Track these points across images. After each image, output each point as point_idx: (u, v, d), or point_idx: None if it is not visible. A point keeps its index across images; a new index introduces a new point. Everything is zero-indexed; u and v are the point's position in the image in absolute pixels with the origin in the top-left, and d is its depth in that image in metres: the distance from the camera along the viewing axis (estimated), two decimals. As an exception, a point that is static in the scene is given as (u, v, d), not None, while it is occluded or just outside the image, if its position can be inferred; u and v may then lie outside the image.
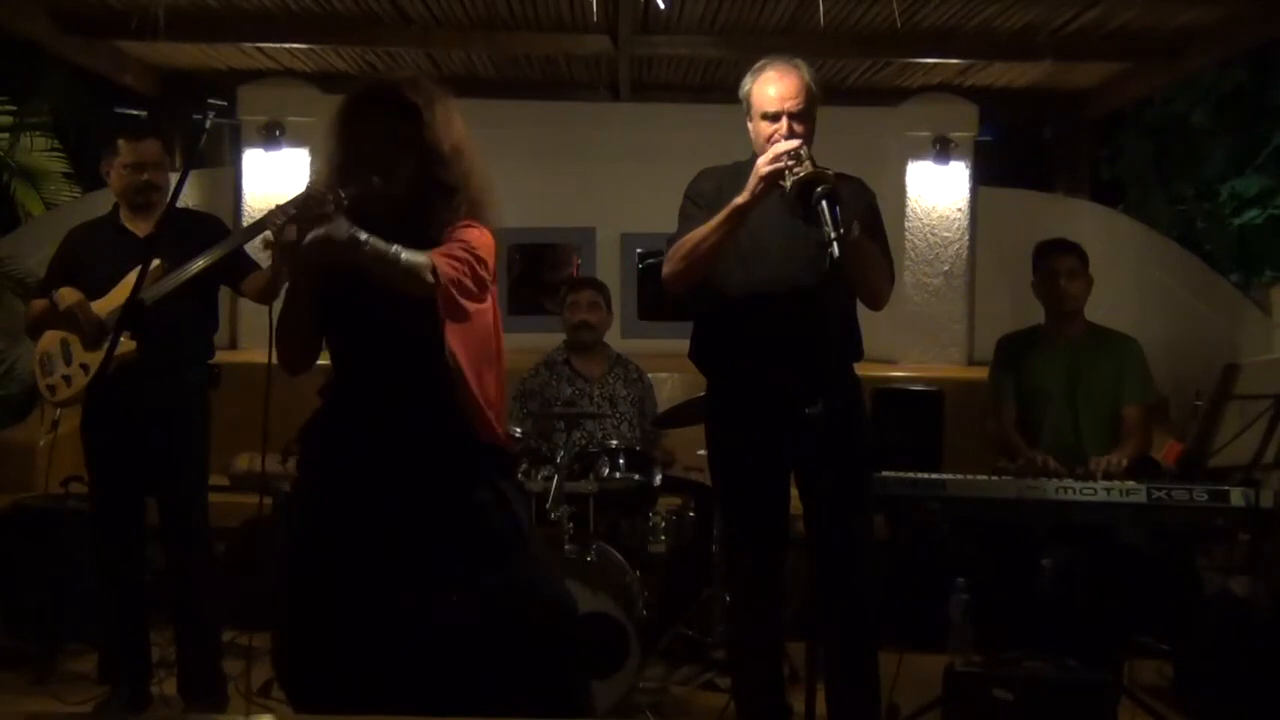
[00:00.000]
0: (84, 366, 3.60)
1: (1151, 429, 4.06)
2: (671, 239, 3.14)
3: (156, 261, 3.48)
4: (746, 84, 3.07)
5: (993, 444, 4.10)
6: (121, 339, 3.31)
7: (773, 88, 3.00)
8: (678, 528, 4.37)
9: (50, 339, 3.69)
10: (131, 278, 3.42)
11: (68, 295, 3.58)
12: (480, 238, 2.49)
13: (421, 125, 2.45)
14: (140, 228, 3.73)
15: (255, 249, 3.72)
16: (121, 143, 3.73)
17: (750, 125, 3.07)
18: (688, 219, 3.12)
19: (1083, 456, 3.87)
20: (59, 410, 3.84)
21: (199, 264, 3.52)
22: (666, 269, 3.10)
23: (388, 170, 2.41)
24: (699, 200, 3.13)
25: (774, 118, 3.00)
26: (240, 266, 3.73)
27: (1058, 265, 4.02)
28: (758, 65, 3.07)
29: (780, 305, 3.02)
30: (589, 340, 4.68)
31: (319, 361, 2.65)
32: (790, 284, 3.02)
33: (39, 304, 3.72)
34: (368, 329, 2.49)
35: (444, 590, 2.41)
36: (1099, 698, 3.24)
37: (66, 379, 3.64)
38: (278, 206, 3.23)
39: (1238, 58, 7.82)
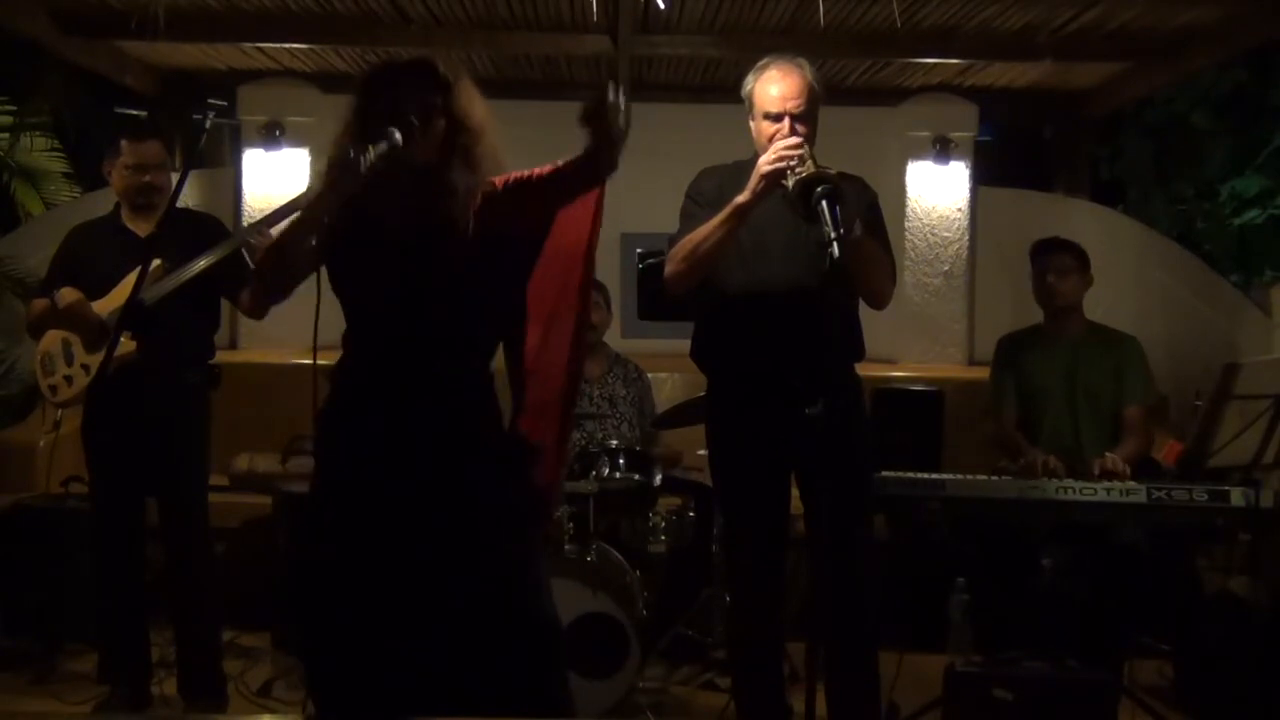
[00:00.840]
0: (85, 367, 3.61)
1: (1152, 429, 4.06)
2: (673, 239, 3.14)
3: (157, 262, 3.48)
4: (749, 83, 3.07)
5: (994, 444, 4.10)
6: (122, 339, 3.33)
7: (775, 87, 3.00)
8: (678, 528, 4.37)
9: (51, 339, 3.69)
10: (132, 278, 3.42)
11: (67, 295, 3.58)
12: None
13: (451, 94, 2.49)
14: (141, 227, 3.73)
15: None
16: (123, 143, 3.73)
17: (752, 124, 3.07)
18: (689, 218, 3.12)
19: (1082, 455, 3.87)
20: (60, 410, 3.84)
21: (200, 264, 3.53)
22: (668, 269, 3.11)
23: (413, 131, 2.43)
24: (700, 199, 3.13)
25: (776, 118, 3.00)
26: (239, 275, 3.72)
27: (1048, 263, 4.02)
28: (761, 64, 3.07)
29: (781, 305, 3.02)
30: (591, 341, 4.67)
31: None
32: (791, 284, 3.02)
33: (40, 304, 3.72)
34: (397, 318, 2.48)
35: (449, 586, 2.41)
36: (1099, 698, 3.24)
37: (68, 379, 3.65)
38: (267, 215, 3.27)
39: (1238, 58, 7.82)
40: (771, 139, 2.99)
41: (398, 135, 2.39)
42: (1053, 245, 4.07)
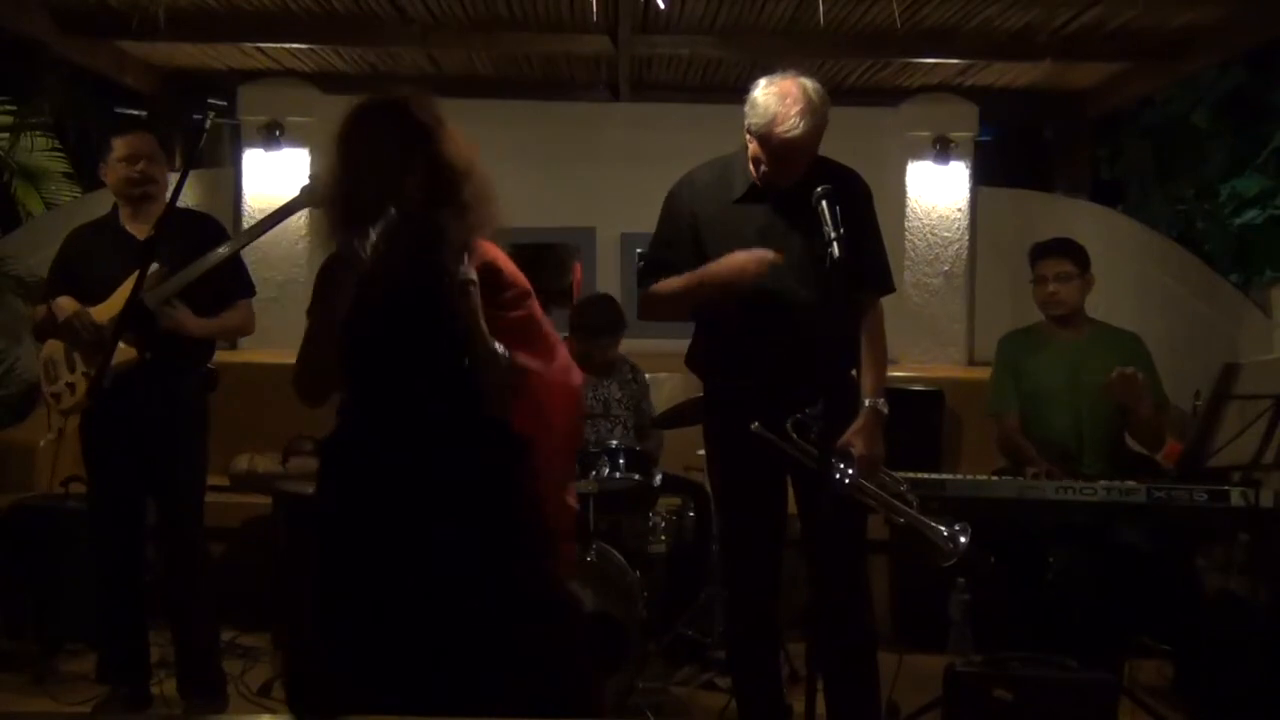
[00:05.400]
0: (87, 374, 3.59)
1: (1164, 428, 4.04)
2: (648, 258, 3.15)
3: (155, 266, 3.48)
4: (767, 107, 2.92)
5: (1001, 449, 4.08)
6: (124, 346, 3.33)
7: (790, 136, 2.89)
8: (678, 528, 4.37)
9: (55, 345, 3.69)
10: (131, 281, 3.42)
11: (65, 305, 3.56)
12: (516, 278, 2.52)
13: (432, 144, 2.43)
14: (139, 229, 3.72)
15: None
16: (115, 139, 3.72)
17: (753, 137, 2.99)
18: (663, 245, 3.13)
19: (1084, 456, 3.87)
20: (64, 416, 3.84)
21: (199, 268, 3.51)
22: (641, 306, 3.16)
23: (399, 193, 2.39)
24: (678, 222, 3.11)
25: (784, 158, 2.94)
26: (233, 293, 3.71)
27: (1046, 269, 3.99)
28: (782, 90, 2.92)
29: (778, 317, 3.00)
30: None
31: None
32: (788, 295, 3.00)
33: (41, 310, 3.71)
34: (395, 355, 2.47)
35: (467, 608, 2.40)
36: (1099, 698, 3.24)
37: (70, 386, 3.64)
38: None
39: (1238, 58, 7.82)
40: (766, 175, 2.98)
41: (393, 210, 2.35)
42: (1051, 249, 4.03)
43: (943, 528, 2.90)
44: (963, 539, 2.84)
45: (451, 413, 2.45)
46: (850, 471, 2.92)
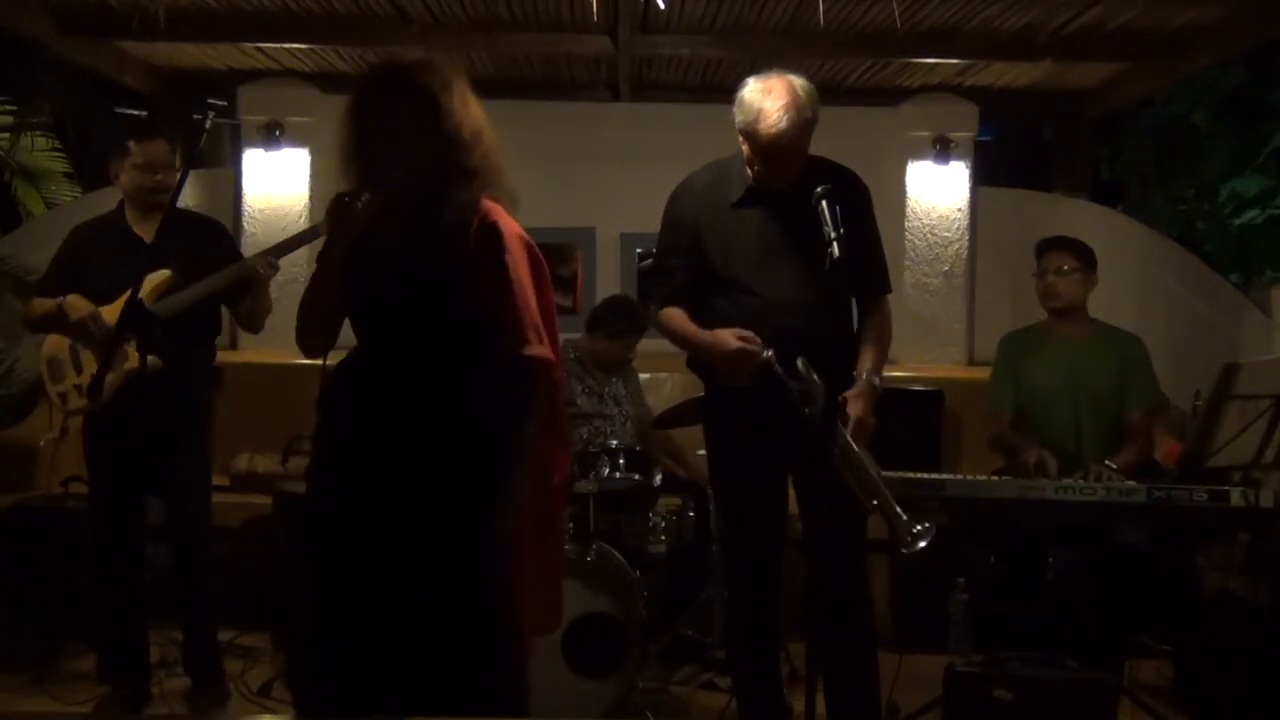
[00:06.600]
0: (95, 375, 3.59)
1: (1155, 433, 4.04)
2: (656, 257, 3.16)
3: (166, 273, 3.50)
4: (752, 104, 2.94)
5: (992, 446, 4.09)
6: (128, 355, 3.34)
7: (774, 131, 2.90)
8: (678, 528, 4.38)
9: (57, 343, 3.68)
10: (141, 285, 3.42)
11: (79, 305, 3.56)
12: (519, 259, 2.50)
13: (439, 112, 2.45)
14: (147, 231, 3.72)
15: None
16: (132, 144, 3.74)
17: (742, 136, 3.01)
18: (667, 252, 3.14)
19: (1083, 455, 3.87)
20: (68, 416, 3.84)
21: (211, 284, 3.53)
22: (654, 320, 3.19)
23: (405, 159, 2.41)
24: (680, 226, 3.12)
25: (773, 156, 2.95)
26: (242, 287, 3.72)
27: (1048, 262, 4.02)
28: (767, 87, 2.94)
29: (778, 318, 3.00)
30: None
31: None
32: (788, 297, 3.01)
33: (43, 304, 3.70)
34: (391, 312, 2.48)
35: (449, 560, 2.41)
36: (1099, 698, 3.24)
37: (79, 388, 3.64)
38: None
39: (1238, 58, 7.82)
40: (760, 174, 2.98)
41: (398, 175, 2.38)
42: (1055, 244, 4.06)
43: (909, 520, 2.85)
44: (922, 543, 2.79)
45: (441, 376, 2.45)
46: (846, 429, 2.89)
